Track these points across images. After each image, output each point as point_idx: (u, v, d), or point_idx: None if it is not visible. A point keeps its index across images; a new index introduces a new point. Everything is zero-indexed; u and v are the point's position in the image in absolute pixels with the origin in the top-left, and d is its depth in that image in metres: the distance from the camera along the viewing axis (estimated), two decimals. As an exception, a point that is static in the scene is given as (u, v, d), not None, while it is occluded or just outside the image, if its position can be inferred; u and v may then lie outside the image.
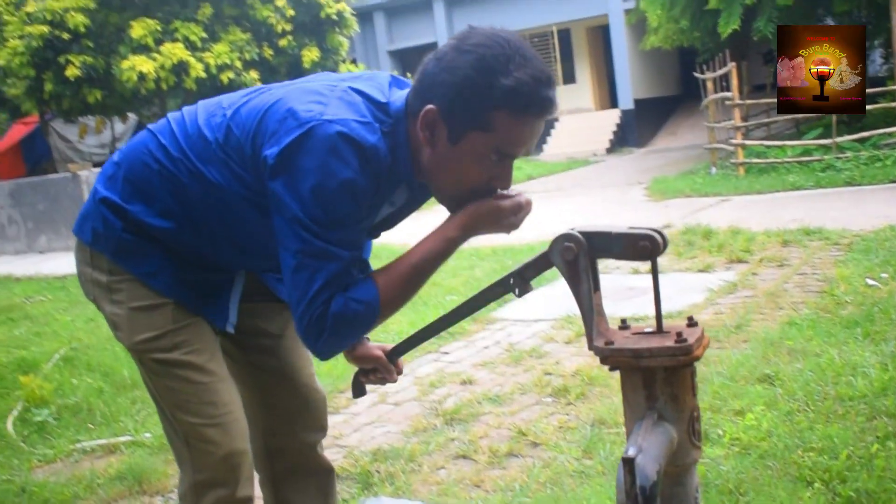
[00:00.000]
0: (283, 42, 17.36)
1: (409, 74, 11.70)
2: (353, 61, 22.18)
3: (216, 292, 2.03)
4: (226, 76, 16.41)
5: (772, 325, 4.63)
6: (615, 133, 22.41)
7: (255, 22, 17.33)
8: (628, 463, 1.64)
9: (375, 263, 2.03)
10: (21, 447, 4.24)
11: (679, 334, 1.80)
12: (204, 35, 16.44)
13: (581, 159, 20.67)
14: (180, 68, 15.91)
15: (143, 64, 15.60)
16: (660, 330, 1.87)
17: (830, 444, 2.92)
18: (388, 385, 4.51)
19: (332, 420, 4.07)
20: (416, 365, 4.88)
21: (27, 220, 13.81)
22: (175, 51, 15.86)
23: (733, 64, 12.71)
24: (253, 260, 2.02)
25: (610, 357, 1.84)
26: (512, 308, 6.02)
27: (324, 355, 1.82)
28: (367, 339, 2.21)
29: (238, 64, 16.66)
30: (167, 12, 16.50)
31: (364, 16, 25.25)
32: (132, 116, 22.27)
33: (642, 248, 1.84)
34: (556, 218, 10.71)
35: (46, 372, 5.37)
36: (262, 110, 1.80)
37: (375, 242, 2.14)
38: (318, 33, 17.86)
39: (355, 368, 2.22)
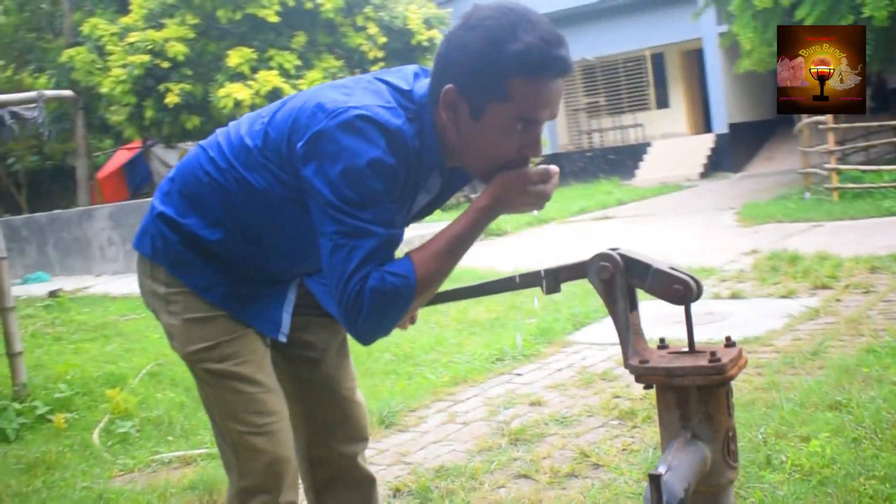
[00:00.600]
0: (375, 69, 17.64)
1: None
2: (446, 87, 22.38)
3: (269, 302, 2.11)
4: (318, 103, 16.74)
5: (850, 352, 4.53)
6: (709, 158, 22.09)
7: (348, 49, 17.67)
8: (655, 480, 1.65)
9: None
10: (104, 457, 4.40)
11: (713, 354, 1.81)
12: (298, 63, 16.82)
13: (674, 184, 20.43)
14: (275, 95, 16.27)
15: (239, 91, 16.02)
16: (691, 349, 1.89)
17: (894, 473, 2.86)
18: (458, 405, 4.62)
19: (399, 438, 4.15)
20: (489, 386, 4.91)
21: (126, 242, 14.28)
22: (270, 78, 16.26)
23: (827, 87, 12.44)
24: (300, 262, 2.09)
25: (644, 375, 1.86)
26: (587, 331, 6.01)
27: (365, 337, 1.82)
28: None
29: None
30: (263, 41, 16.94)
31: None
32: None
33: (675, 291, 1.87)
34: (640, 242, 10.66)
35: (133, 386, 5.57)
36: (295, 110, 1.88)
37: (484, 265, 2.15)
38: (410, 60, 18.09)
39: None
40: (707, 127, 23.37)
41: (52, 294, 10.76)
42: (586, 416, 4.12)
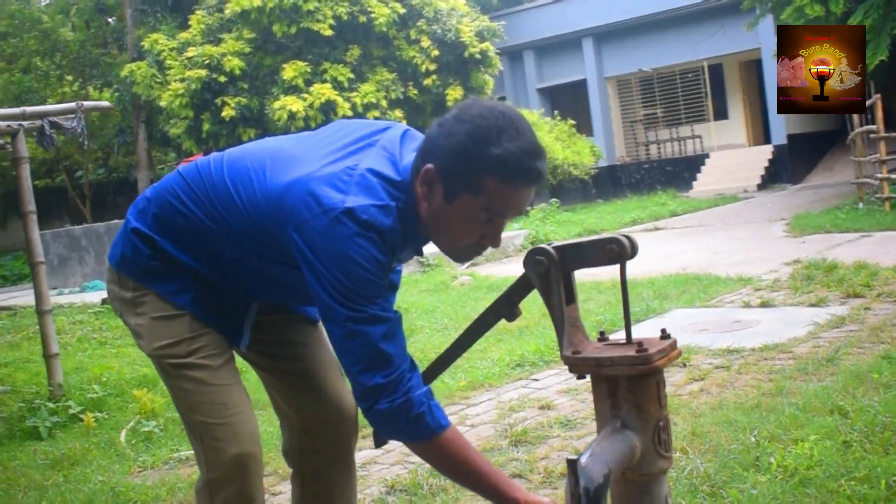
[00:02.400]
0: (427, 81, 17.83)
1: (556, 112, 11.86)
2: (502, 99, 22.45)
3: (233, 315, 2.23)
4: (372, 115, 16.94)
5: (865, 359, 4.49)
6: (767, 169, 21.83)
7: (401, 62, 17.87)
8: (571, 465, 1.70)
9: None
10: (126, 454, 4.54)
11: (640, 345, 1.85)
12: (351, 76, 17.07)
13: (730, 196, 20.22)
14: (328, 107, 16.53)
15: (293, 103, 16.31)
16: (629, 341, 1.93)
17: (875, 474, 2.85)
18: (471, 408, 4.68)
19: (407, 439, 4.20)
20: (504, 390, 4.95)
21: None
22: (324, 91, 16.52)
23: (878, 96, 12.27)
24: (271, 295, 2.23)
25: (576, 366, 1.91)
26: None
27: (373, 421, 1.97)
28: None
29: (384, 103, 17.19)
30: (317, 55, 17.22)
31: (513, 54, 25.58)
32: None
33: (609, 251, 1.91)
34: (682, 252, 10.60)
35: (162, 388, 5.72)
36: (283, 188, 1.97)
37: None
38: (463, 72, 18.26)
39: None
40: (766, 138, 23.09)
41: (104, 301, 11.04)
42: (592, 419, 4.15)
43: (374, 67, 17.63)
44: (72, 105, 5.80)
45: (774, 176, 21.73)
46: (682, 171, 23.07)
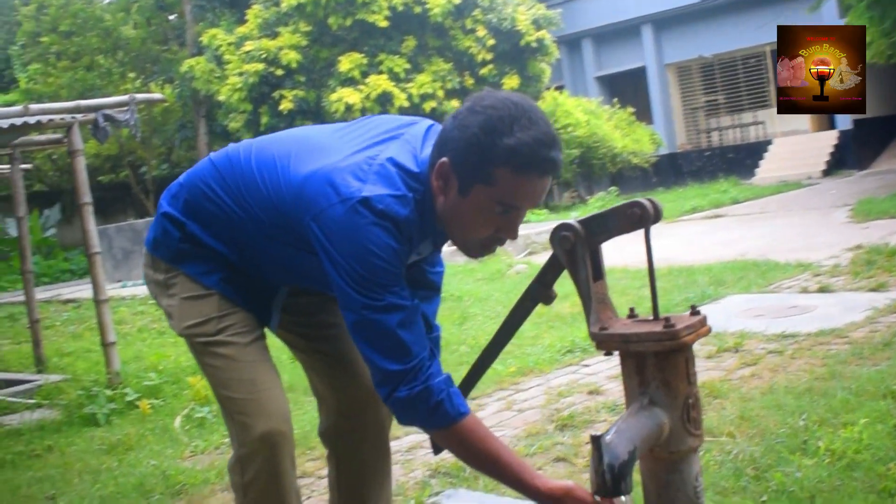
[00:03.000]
0: (484, 71, 17.79)
1: (615, 100, 11.80)
2: (559, 88, 22.31)
3: (261, 297, 2.25)
4: (428, 105, 16.97)
5: (924, 343, 4.38)
6: (832, 155, 21.38)
7: (457, 52, 17.85)
8: (595, 441, 1.69)
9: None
10: (180, 440, 4.61)
11: (667, 320, 1.82)
12: (408, 66, 17.09)
13: (794, 182, 19.85)
14: (385, 99, 16.60)
15: (350, 95, 16.40)
16: (656, 317, 1.90)
17: (925, 458, 2.78)
18: (519, 393, 4.66)
19: (454, 424, 4.20)
20: (553, 376, 4.93)
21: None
22: (380, 82, 16.58)
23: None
24: (295, 281, 2.24)
25: (603, 342, 1.89)
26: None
27: (393, 408, 1.99)
28: None
29: (440, 93, 17.19)
30: (373, 46, 17.27)
31: (572, 42, 25.39)
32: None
33: (631, 215, 1.88)
34: (742, 239, 10.43)
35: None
36: (305, 177, 1.99)
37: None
38: (519, 61, 18.18)
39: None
40: (830, 123, 22.62)
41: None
42: (640, 404, 4.11)
43: (430, 58, 17.64)
44: (125, 98, 5.89)
45: (840, 162, 21.28)
46: (744, 159, 22.70)
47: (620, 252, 10.42)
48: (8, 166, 6.95)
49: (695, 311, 1.90)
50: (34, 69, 24.15)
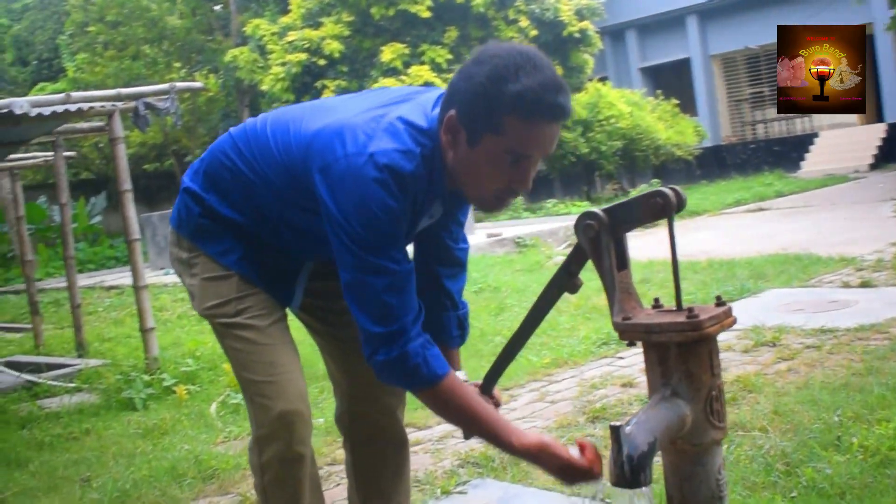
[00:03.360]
0: (525, 61, 17.67)
1: (659, 92, 11.77)
2: (603, 79, 22.16)
3: (283, 275, 2.25)
4: (470, 96, 16.91)
5: (966, 340, 4.30)
6: (880, 148, 21.05)
7: (500, 43, 17.78)
8: (614, 431, 1.67)
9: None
10: (215, 425, 4.65)
11: (691, 311, 1.80)
12: (450, 57, 17.08)
13: (840, 176, 19.58)
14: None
15: (392, 86, 16.39)
16: (679, 307, 1.87)
17: (961, 455, 2.73)
18: (552, 385, 4.64)
19: (486, 414, 4.19)
20: (587, 368, 4.90)
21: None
22: (422, 72, 16.58)
23: None
24: (315, 250, 2.22)
25: (625, 332, 1.86)
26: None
27: (375, 368, 2.01)
28: (464, 378, 2.36)
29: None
30: (416, 37, 17.27)
31: (615, 33, 25.25)
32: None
33: (654, 204, 1.85)
34: (784, 233, 10.30)
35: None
36: (315, 133, 2.00)
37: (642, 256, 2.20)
38: (562, 52, 18.09)
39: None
40: (879, 116, 22.27)
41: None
42: (673, 397, 4.07)
43: (472, 48, 17.57)
44: (165, 87, 5.94)
45: (888, 155, 20.93)
46: (789, 151, 22.42)
47: (661, 244, 10.38)
48: (51, 153, 7.04)
49: (720, 302, 1.87)
50: (81, 59, 24.46)
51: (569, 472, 1.93)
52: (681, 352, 1.81)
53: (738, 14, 22.94)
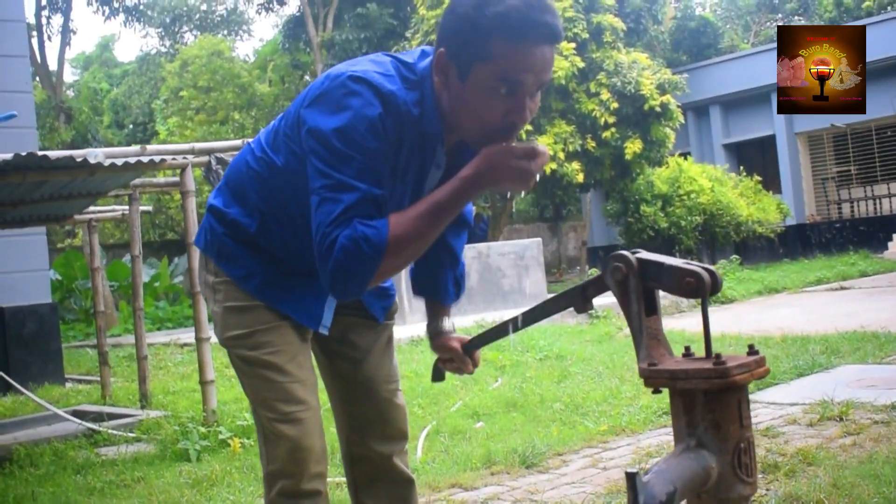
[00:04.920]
0: (606, 134, 17.67)
1: (742, 168, 11.75)
2: (685, 155, 22.00)
3: (309, 295, 2.19)
4: (548, 167, 16.92)
5: None
6: (972, 231, 20.44)
7: (580, 115, 17.81)
8: (630, 478, 1.59)
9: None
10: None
11: (718, 357, 1.72)
12: (530, 128, 17.10)
13: (929, 258, 19.01)
14: (505, 159, 16.61)
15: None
16: (708, 355, 1.79)
17: None
18: (607, 452, 4.52)
19: (536, 478, 4.11)
20: (644, 437, 4.76)
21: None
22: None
23: None
24: None
25: (650, 378, 1.79)
26: (772, 392, 5.69)
27: (335, 285, 1.87)
28: (451, 329, 2.38)
29: (561, 155, 17.14)
30: (496, 107, 17.38)
31: (699, 109, 25.11)
32: (469, 207, 23.44)
33: (687, 283, 1.78)
34: (865, 311, 9.96)
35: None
36: (308, 87, 2.02)
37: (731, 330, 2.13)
38: (643, 125, 18.00)
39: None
40: (971, 198, 21.64)
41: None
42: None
43: (553, 120, 17.64)
44: (237, 142, 6.04)
45: (980, 238, 20.30)
46: (876, 231, 21.86)
47: (737, 320, 10.15)
48: (127, 207, 7.21)
49: (752, 351, 1.78)
50: (173, 122, 25.26)
51: (519, 153, 1.85)
52: (707, 400, 1.73)
53: (825, 92, 22.62)
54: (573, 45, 17.39)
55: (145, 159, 5.33)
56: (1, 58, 9.62)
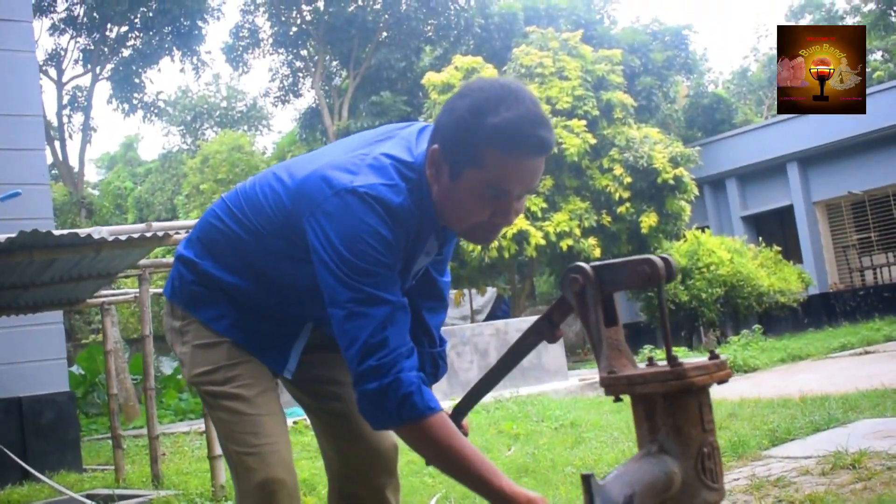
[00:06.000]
0: (621, 209, 17.74)
1: (761, 239, 11.74)
2: (703, 228, 21.98)
3: (277, 341, 2.22)
4: (565, 243, 16.97)
5: None
6: None
7: (594, 191, 17.91)
8: (585, 480, 1.57)
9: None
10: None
11: (674, 359, 1.71)
12: (544, 205, 17.22)
13: (956, 322, 18.75)
14: (521, 237, 16.71)
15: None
16: (670, 361, 1.78)
17: None
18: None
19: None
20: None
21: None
22: (517, 221, 16.70)
23: None
24: (310, 308, 2.18)
25: (609, 386, 1.78)
26: (787, 447, 5.59)
27: (364, 407, 1.95)
28: None
29: (577, 231, 17.19)
30: (510, 186, 17.51)
31: (716, 183, 25.17)
32: (490, 289, 23.46)
33: (640, 272, 1.79)
34: (889, 373, 9.77)
35: (321, 494, 5.75)
36: (302, 180, 2.02)
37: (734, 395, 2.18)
38: (658, 199, 18.07)
39: None
40: None
41: (295, 423, 11.31)
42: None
43: (567, 196, 17.75)
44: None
45: None
46: (901, 297, 21.64)
47: (757, 386, 10.00)
48: (137, 290, 7.27)
49: (714, 356, 1.77)
50: (195, 217, 25.53)
51: None
52: (667, 405, 1.71)
53: (840, 160, 22.67)
54: (584, 122, 17.57)
55: (148, 233, 5.39)
56: (18, 151, 9.83)
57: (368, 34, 25.38)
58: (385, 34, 25.89)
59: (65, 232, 5.22)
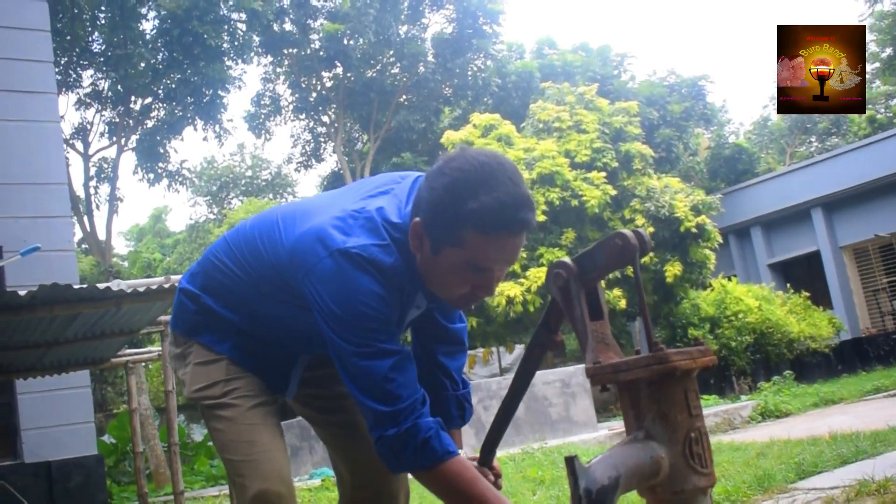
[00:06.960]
0: (645, 259, 17.68)
1: (789, 286, 11.66)
2: (729, 277, 21.86)
3: (277, 365, 2.28)
4: (589, 295, 16.88)
5: None
6: None
7: (617, 242, 17.87)
8: (569, 462, 1.59)
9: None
10: None
11: (656, 345, 1.73)
12: (567, 258, 17.19)
13: None
14: (543, 291, 16.68)
15: (511, 289, 16.59)
16: (651, 347, 1.80)
17: None
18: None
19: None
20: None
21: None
22: (540, 274, 16.70)
23: None
24: (309, 344, 2.26)
25: (595, 376, 1.80)
26: (814, 480, 5.51)
27: (383, 451, 2.00)
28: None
29: (602, 283, 17.10)
30: (533, 240, 17.56)
31: (741, 231, 25.10)
32: (518, 346, 23.36)
33: (614, 246, 1.84)
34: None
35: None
36: (298, 238, 2.07)
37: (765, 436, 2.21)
38: (681, 248, 18.03)
39: None
40: None
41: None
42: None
43: (590, 248, 17.72)
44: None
45: None
46: (935, 339, 21.35)
47: (789, 430, 9.87)
48: (159, 348, 7.33)
49: (697, 342, 1.79)
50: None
51: None
52: (652, 391, 1.73)
53: (865, 203, 22.56)
54: (603, 174, 17.64)
55: (167, 284, 5.46)
56: (44, 219, 10.02)
57: (388, 97, 25.69)
58: (404, 97, 26.21)
59: (85, 286, 5.30)
